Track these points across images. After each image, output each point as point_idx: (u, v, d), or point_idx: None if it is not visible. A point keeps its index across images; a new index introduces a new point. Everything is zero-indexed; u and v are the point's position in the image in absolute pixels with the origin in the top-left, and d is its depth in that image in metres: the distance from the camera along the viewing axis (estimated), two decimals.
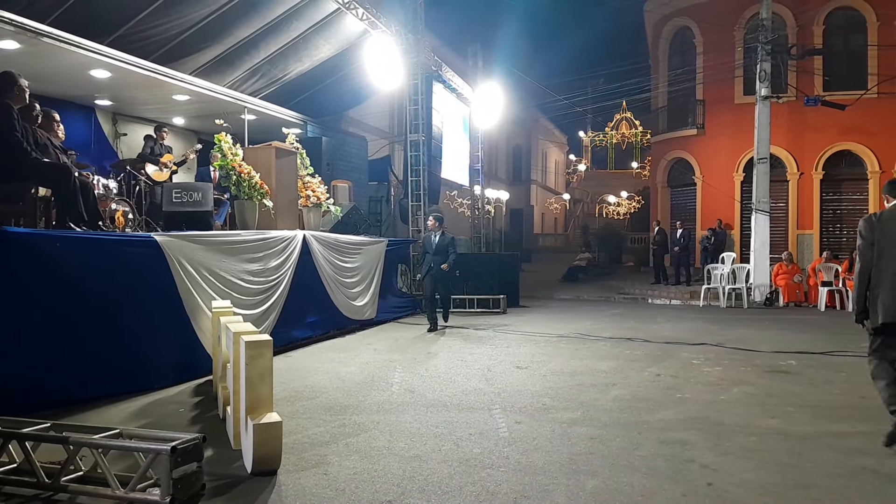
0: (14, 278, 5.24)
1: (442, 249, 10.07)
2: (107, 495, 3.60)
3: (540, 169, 47.05)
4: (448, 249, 10.11)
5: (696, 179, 21.60)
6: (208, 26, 10.19)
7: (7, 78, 6.25)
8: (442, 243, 10.10)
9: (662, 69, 23.08)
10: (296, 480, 3.93)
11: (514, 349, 8.52)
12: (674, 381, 6.69)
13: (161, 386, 6.31)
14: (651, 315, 12.70)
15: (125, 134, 11.67)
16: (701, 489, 3.83)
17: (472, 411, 5.46)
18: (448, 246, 10.13)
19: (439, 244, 10.10)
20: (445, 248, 10.09)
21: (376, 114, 19.35)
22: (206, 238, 7.14)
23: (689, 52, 22.11)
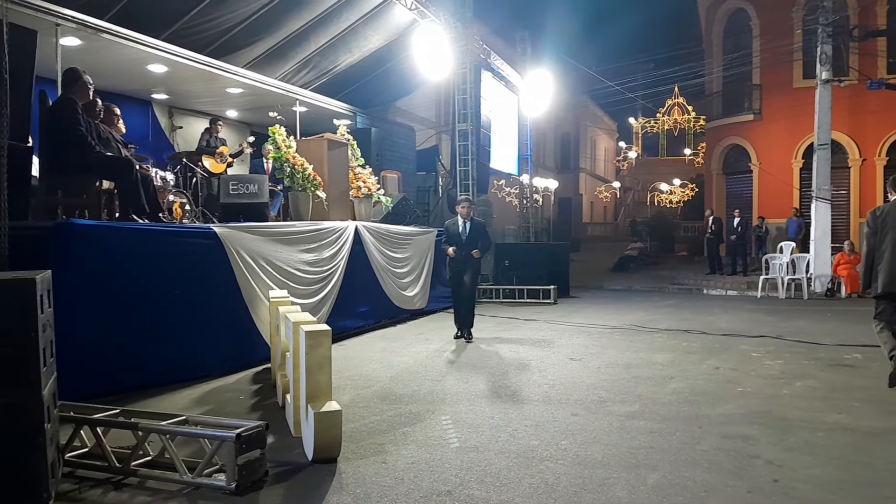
0: (80, 269, 5.41)
1: (473, 241, 8.34)
2: (175, 480, 3.71)
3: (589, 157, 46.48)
4: (478, 241, 8.39)
5: (753, 166, 20.99)
6: (260, 19, 10.32)
7: (72, 74, 6.46)
8: (473, 233, 8.36)
9: (717, 53, 22.45)
10: (355, 468, 3.97)
11: (567, 340, 8.44)
12: (733, 374, 6.53)
13: (220, 374, 6.47)
14: (707, 306, 12.42)
15: (181, 127, 11.95)
16: (766, 485, 3.73)
17: (526, 403, 5.43)
18: (479, 236, 8.40)
19: (471, 234, 8.36)
20: (476, 239, 8.35)
21: (424, 104, 19.38)
22: (263, 229, 7.26)
23: (744, 34, 21.43)
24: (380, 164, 12.48)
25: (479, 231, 8.43)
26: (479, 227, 8.45)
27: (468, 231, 8.35)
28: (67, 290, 5.24)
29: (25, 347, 3.34)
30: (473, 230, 8.39)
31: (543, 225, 26.85)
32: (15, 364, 3.32)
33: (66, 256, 5.32)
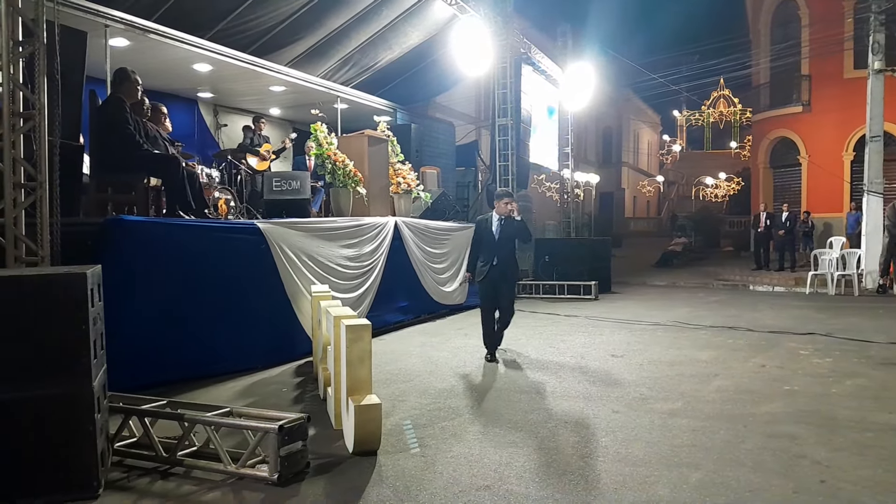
0: (129, 263, 5.56)
1: (509, 239, 7.07)
2: (219, 470, 3.80)
3: (631, 150, 45.84)
4: (514, 242, 7.16)
5: (801, 159, 20.44)
6: (301, 18, 10.44)
7: (121, 74, 6.64)
8: (509, 230, 7.00)
9: (764, 43, 21.90)
10: (395, 462, 4.01)
11: (608, 337, 8.36)
12: (780, 372, 6.38)
13: (264, 366, 6.59)
14: (753, 302, 12.14)
15: (226, 125, 12.19)
16: (813, 486, 3.64)
17: (566, 399, 5.40)
18: (517, 233, 7.08)
19: (505, 231, 7.00)
20: (513, 236, 7.09)
21: (463, 99, 19.34)
22: (305, 225, 7.36)
23: (792, 24, 20.86)
24: (419, 160, 12.51)
25: (518, 230, 7.03)
26: (517, 226, 7.01)
27: (501, 229, 6.97)
28: (117, 284, 5.39)
29: (77, 340, 3.45)
30: (509, 229, 6.98)
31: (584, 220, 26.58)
32: (67, 356, 3.44)
33: (116, 251, 5.48)
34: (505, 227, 6.97)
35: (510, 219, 6.98)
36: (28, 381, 3.38)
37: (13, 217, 4.86)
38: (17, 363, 3.36)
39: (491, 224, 7.04)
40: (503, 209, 6.98)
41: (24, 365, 3.37)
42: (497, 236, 6.98)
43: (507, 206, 6.97)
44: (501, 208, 7.01)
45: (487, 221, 7.11)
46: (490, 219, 7.11)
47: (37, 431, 3.39)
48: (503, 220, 6.99)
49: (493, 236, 6.98)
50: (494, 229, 6.99)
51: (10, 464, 3.35)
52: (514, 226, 7.00)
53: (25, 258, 4.91)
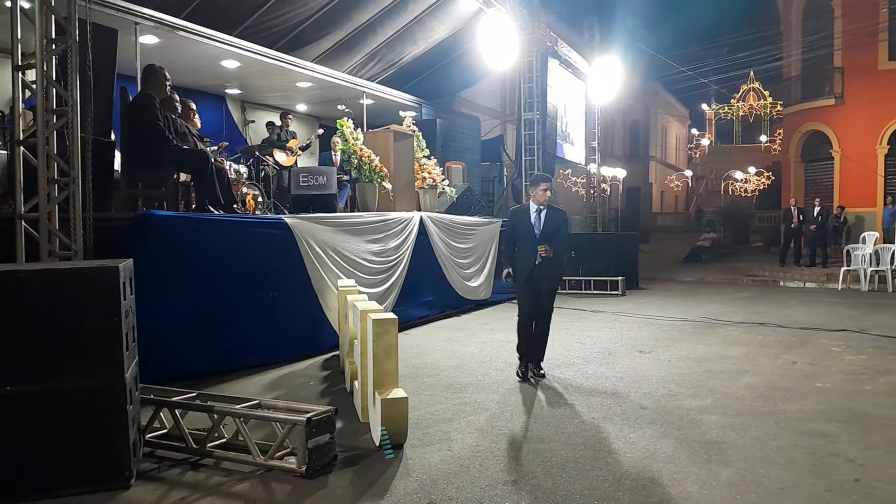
0: (159, 258, 5.64)
1: (552, 233, 5.89)
2: (248, 462, 3.84)
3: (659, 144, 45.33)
4: (559, 230, 5.96)
5: (834, 153, 20.01)
6: (328, 13, 10.48)
7: (151, 71, 6.73)
8: (552, 223, 5.89)
9: (795, 35, 21.47)
10: (421, 455, 4.02)
11: (635, 333, 8.28)
12: (811, 369, 6.27)
13: (291, 360, 6.65)
14: (783, 299, 11.94)
15: (253, 121, 12.30)
16: (847, 484, 3.57)
17: (593, 395, 5.36)
18: (560, 226, 5.97)
19: (549, 225, 5.88)
20: (556, 231, 5.91)
21: (488, 93, 19.29)
22: (331, 220, 7.41)
23: (824, 15, 20.41)
24: (445, 155, 12.51)
25: (560, 223, 5.93)
26: (558, 218, 5.94)
27: (543, 222, 5.86)
28: (148, 277, 5.46)
29: (109, 332, 3.51)
30: (551, 221, 5.88)
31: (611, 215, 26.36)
32: (99, 348, 3.51)
33: (146, 245, 5.56)
34: (548, 220, 5.85)
35: (553, 209, 5.93)
36: (62, 372, 3.44)
37: (47, 212, 4.94)
38: (52, 355, 3.43)
39: (528, 216, 5.89)
40: (541, 197, 5.85)
41: (59, 357, 3.44)
42: (538, 231, 5.84)
43: (545, 193, 5.86)
44: (539, 196, 5.87)
45: (524, 213, 5.95)
46: (527, 210, 5.95)
47: (71, 422, 3.46)
48: (544, 211, 5.87)
49: (533, 231, 5.84)
50: (534, 221, 5.87)
51: (46, 453, 3.43)
52: (558, 218, 5.92)
53: (59, 252, 5.00)
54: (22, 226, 4.93)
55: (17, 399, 3.37)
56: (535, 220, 5.88)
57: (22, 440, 3.39)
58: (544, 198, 5.88)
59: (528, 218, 5.90)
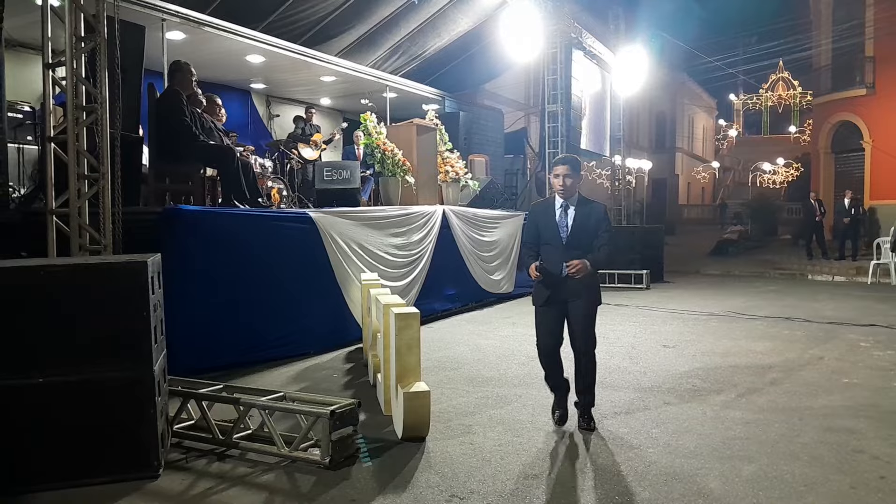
0: (186, 251, 5.73)
1: (582, 239, 4.37)
2: (273, 453, 3.90)
3: (686, 136, 44.79)
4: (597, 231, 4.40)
5: (865, 144, 19.62)
6: (352, 7, 10.52)
7: (177, 67, 6.82)
8: (584, 224, 4.38)
9: (825, 24, 21.05)
10: (443, 448, 4.05)
11: (660, 327, 8.22)
12: (839, 364, 6.19)
13: (315, 352, 6.72)
14: (812, 292, 11.77)
15: (278, 115, 12.41)
16: (872, 482, 3.53)
17: (616, 390, 5.35)
18: (598, 226, 4.41)
19: (578, 225, 4.38)
20: (591, 234, 4.39)
21: (512, 85, 19.21)
22: (355, 214, 7.46)
23: (855, 3, 19.97)
24: (468, 148, 12.51)
25: (597, 220, 4.39)
26: (595, 215, 4.41)
27: (573, 220, 4.36)
28: (176, 271, 5.56)
29: (138, 326, 3.59)
30: (584, 220, 4.37)
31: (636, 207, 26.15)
32: (128, 341, 3.59)
33: (174, 240, 5.65)
34: (579, 219, 4.35)
35: (586, 203, 4.43)
36: (92, 365, 3.53)
37: (77, 207, 5.06)
38: (83, 348, 3.52)
39: (553, 212, 4.41)
40: (557, 185, 4.40)
41: (89, 350, 3.52)
42: (565, 232, 4.34)
43: (559, 180, 4.37)
44: (556, 184, 4.42)
45: (547, 210, 4.47)
46: (551, 205, 4.46)
47: (101, 413, 3.55)
48: (573, 206, 4.38)
49: (558, 232, 4.36)
50: (559, 219, 4.38)
51: (76, 443, 3.52)
52: (595, 214, 4.40)
53: (89, 246, 5.11)
54: (53, 221, 5.05)
55: (48, 390, 3.46)
56: (560, 220, 4.37)
57: (53, 430, 3.48)
58: (562, 186, 4.38)
59: (551, 216, 4.40)
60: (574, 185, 4.41)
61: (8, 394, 3.42)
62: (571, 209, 4.41)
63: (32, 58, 7.68)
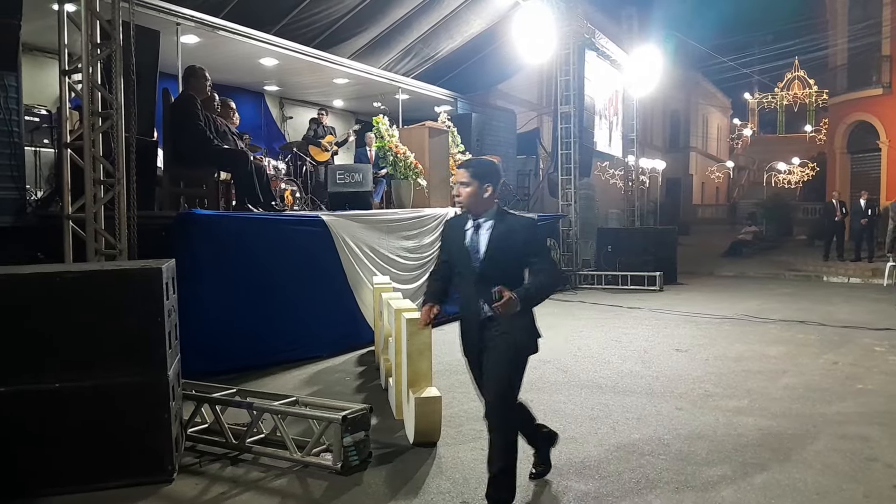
0: (200, 255, 5.79)
1: (505, 262, 3.24)
2: (285, 458, 3.94)
3: (700, 135, 44.52)
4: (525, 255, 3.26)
5: (882, 144, 19.41)
6: (364, 10, 10.54)
7: (191, 72, 6.88)
8: (503, 243, 3.23)
9: (841, 23, 20.86)
10: (454, 454, 4.07)
11: (673, 330, 8.19)
12: (853, 369, 6.14)
13: (328, 355, 6.76)
14: (826, 295, 11.67)
15: (291, 117, 12.48)
16: (885, 491, 3.52)
17: (628, 395, 5.34)
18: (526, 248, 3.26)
19: (496, 246, 3.24)
20: (517, 255, 3.25)
21: (524, 86, 19.19)
22: (367, 217, 7.49)
23: (872, 3, 19.76)
24: (480, 150, 12.50)
25: (524, 240, 3.27)
26: (519, 232, 3.27)
27: (487, 242, 3.27)
28: (190, 274, 5.61)
29: (153, 332, 3.63)
30: (502, 238, 3.25)
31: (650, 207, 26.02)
32: (143, 347, 3.63)
33: (189, 243, 5.71)
34: (496, 239, 3.23)
35: (506, 218, 3.29)
36: (108, 370, 3.57)
37: (93, 212, 5.12)
38: (99, 353, 3.56)
39: (462, 233, 3.33)
40: (463, 198, 3.33)
41: (105, 355, 3.57)
42: (478, 259, 3.27)
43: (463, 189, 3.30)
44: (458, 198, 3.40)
45: (458, 228, 3.37)
46: (462, 223, 3.37)
47: (117, 417, 3.59)
48: (487, 224, 3.27)
49: (469, 257, 3.29)
50: (469, 242, 3.30)
51: (92, 447, 3.56)
52: (520, 234, 3.25)
53: (105, 251, 5.17)
54: (70, 226, 5.12)
55: (65, 395, 3.51)
56: (470, 242, 3.28)
57: (69, 434, 3.53)
58: (456, 196, 3.41)
59: (461, 238, 3.32)
60: (476, 196, 3.24)
61: (25, 398, 3.47)
62: (485, 228, 3.25)
63: (49, 62, 7.77)
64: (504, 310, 3.04)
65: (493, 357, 3.25)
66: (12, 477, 3.49)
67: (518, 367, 3.31)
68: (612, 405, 5.04)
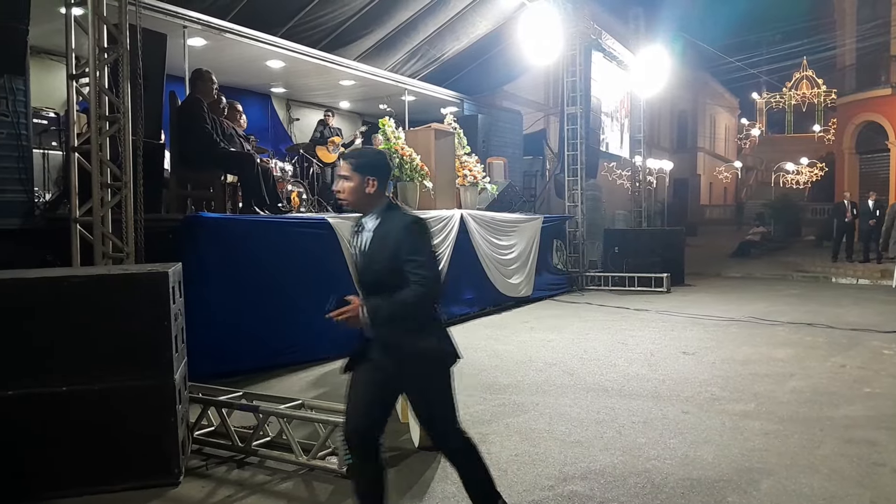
0: (207, 258, 5.81)
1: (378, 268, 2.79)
2: (291, 461, 3.95)
3: (708, 135, 44.37)
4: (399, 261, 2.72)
5: (890, 145, 19.32)
6: (370, 12, 10.55)
7: (198, 75, 6.91)
8: (379, 247, 2.78)
9: (849, 23, 20.76)
10: None
11: (679, 333, 8.16)
12: (861, 372, 6.10)
13: (334, 356, 6.72)
14: (835, 296, 11.61)
15: (298, 119, 12.52)
16: (893, 496, 3.50)
17: (634, 398, 5.33)
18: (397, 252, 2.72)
19: (374, 249, 2.79)
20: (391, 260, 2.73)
21: (531, 86, 19.15)
22: None
23: (880, 2, 19.69)
24: (486, 151, 12.51)
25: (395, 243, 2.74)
26: (394, 233, 2.76)
27: (367, 244, 2.84)
28: (197, 277, 5.63)
29: (159, 336, 3.65)
30: (380, 241, 2.80)
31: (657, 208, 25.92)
32: (150, 350, 3.65)
33: (195, 246, 5.73)
34: (376, 241, 2.82)
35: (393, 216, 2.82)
36: (115, 373, 3.59)
37: (101, 216, 5.14)
38: (106, 357, 3.58)
39: (361, 234, 2.90)
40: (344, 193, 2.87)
41: (112, 359, 3.59)
42: (359, 257, 2.92)
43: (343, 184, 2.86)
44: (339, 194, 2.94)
45: (358, 230, 2.93)
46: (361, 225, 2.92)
47: (123, 420, 3.61)
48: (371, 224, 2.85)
49: (355, 262, 2.99)
50: (356, 244, 2.94)
51: (99, 450, 3.58)
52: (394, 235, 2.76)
53: (112, 254, 5.20)
54: (77, 229, 5.14)
55: (72, 398, 3.53)
56: (356, 245, 2.93)
57: (76, 437, 3.55)
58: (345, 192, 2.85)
59: (359, 240, 2.90)
60: (358, 191, 2.81)
61: (31, 402, 3.49)
62: (368, 228, 2.85)
63: (56, 65, 7.80)
64: (350, 323, 2.75)
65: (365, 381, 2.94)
66: (19, 480, 3.51)
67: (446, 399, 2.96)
68: (618, 409, 5.03)
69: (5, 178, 5.41)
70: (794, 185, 42.73)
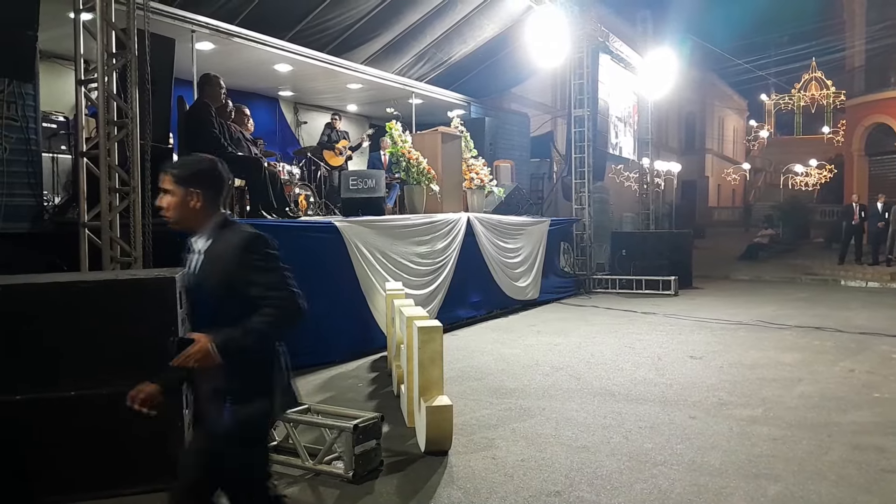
0: None
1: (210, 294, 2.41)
2: (297, 465, 3.96)
3: (716, 137, 44.23)
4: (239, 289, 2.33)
5: None
6: (378, 15, 10.57)
7: (206, 80, 6.93)
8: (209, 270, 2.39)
9: (859, 24, 20.66)
10: (466, 462, 4.06)
11: (687, 336, 8.14)
12: (870, 377, 6.07)
13: (341, 360, 6.78)
14: (844, 300, 11.55)
15: (305, 122, 12.55)
16: None
17: (641, 403, 5.31)
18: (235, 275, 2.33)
19: (205, 273, 2.40)
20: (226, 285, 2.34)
21: (538, 89, 19.15)
22: (379, 223, 7.52)
23: (889, 4, 19.57)
24: (493, 154, 12.51)
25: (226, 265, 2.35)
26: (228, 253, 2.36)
27: (199, 267, 2.44)
28: None
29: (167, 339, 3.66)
30: (211, 263, 2.40)
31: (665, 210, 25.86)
32: (157, 355, 3.65)
33: None
34: (206, 263, 2.44)
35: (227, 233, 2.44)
36: (122, 378, 3.59)
37: (109, 220, 5.17)
38: (113, 361, 3.60)
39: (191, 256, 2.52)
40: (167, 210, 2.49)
41: (119, 363, 3.60)
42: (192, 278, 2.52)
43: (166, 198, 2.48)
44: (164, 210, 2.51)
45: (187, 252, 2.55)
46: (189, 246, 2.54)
47: (131, 425, 3.61)
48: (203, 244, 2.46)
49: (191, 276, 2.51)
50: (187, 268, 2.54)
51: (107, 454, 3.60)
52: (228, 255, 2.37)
53: (120, 258, 5.22)
54: (86, 233, 5.17)
55: (81, 403, 3.55)
56: (188, 266, 2.53)
57: (84, 441, 3.57)
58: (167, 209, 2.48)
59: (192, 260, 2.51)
60: (182, 207, 2.43)
61: (39, 406, 3.51)
62: (198, 250, 2.47)
63: (66, 69, 7.85)
64: (201, 363, 2.30)
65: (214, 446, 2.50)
66: (27, 484, 3.53)
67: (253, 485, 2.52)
68: (625, 413, 5.02)
69: (15, 182, 5.45)
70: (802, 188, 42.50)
